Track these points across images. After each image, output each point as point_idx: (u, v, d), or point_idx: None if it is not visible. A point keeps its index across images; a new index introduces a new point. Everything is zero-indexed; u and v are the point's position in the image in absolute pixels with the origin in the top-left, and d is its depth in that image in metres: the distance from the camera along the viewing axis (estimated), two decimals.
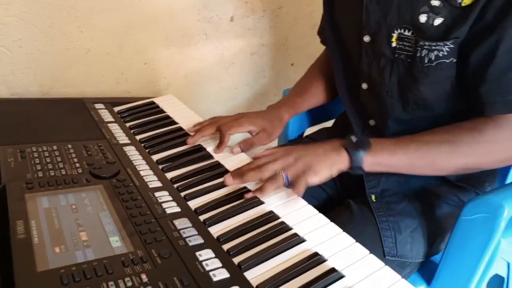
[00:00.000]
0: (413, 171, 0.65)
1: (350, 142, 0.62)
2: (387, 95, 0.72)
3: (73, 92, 0.98)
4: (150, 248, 0.47)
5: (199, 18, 1.09)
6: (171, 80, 1.11)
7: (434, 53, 0.63)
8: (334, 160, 0.62)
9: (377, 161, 0.62)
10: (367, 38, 0.71)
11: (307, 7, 1.28)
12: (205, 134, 0.76)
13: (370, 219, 0.70)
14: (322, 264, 0.47)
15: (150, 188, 0.60)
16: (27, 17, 0.86)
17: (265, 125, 0.79)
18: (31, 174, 0.59)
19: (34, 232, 0.47)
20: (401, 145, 0.63)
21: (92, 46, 0.96)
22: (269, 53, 1.26)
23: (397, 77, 0.70)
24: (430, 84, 0.66)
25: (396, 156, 0.62)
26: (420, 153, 0.62)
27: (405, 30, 0.65)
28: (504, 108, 0.60)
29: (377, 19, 0.69)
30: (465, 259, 0.61)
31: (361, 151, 0.61)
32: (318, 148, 0.63)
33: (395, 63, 0.68)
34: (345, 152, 0.62)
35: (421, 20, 0.63)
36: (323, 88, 0.89)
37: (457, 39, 0.61)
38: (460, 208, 0.73)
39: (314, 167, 0.60)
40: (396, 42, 0.67)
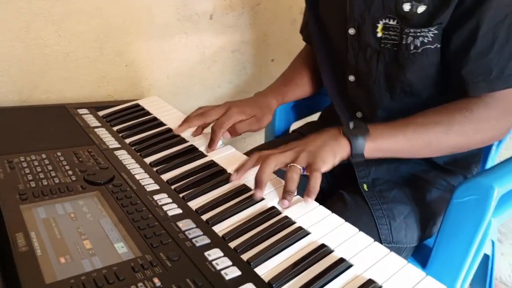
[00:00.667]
0: (411, 154, 0.65)
1: (348, 129, 0.62)
2: (375, 85, 0.73)
3: (53, 98, 0.95)
4: (158, 252, 0.46)
5: (179, 17, 1.08)
6: (153, 81, 1.09)
7: (419, 40, 0.64)
8: (335, 148, 0.61)
9: (377, 146, 0.62)
10: (352, 31, 0.73)
11: (285, 3, 1.29)
12: (191, 124, 0.76)
13: (364, 208, 0.71)
14: (329, 255, 0.48)
15: (148, 191, 0.59)
16: (2, 22, 0.83)
17: (255, 112, 0.78)
18: (23, 184, 0.57)
19: (35, 244, 0.46)
20: (398, 128, 0.63)
21: (71, 50, 0.93)
22: (250, 50, 1.26)
23: (384, 67, 0.71)
24: (416, 71, 0.68)
25: (395, 139, 0.63)
26: (417, 135, 0.62)
27: (390, 19, 0.67)
28: (486, 87, 0.62)
29: (361, 11, 0.70)
30: (459, 241, 0.64)
31: (361, 138, 0.61)
32: (316, 139, 0.63)
33: (381, 52, 0.70)
34: (345, 140, 0.62)
35: (405, 9, 0.64)
36: (308, 80, 0.90)
37: (440, 25, 0.63)
38: (449, 191, 0.76)
39: (320, 155, 0.59)
40: (381, 32, 0.69)
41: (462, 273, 0.65)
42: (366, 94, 0.76)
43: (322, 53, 0.84)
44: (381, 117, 0.77)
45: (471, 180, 0.61)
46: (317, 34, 0.84)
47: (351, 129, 0.62)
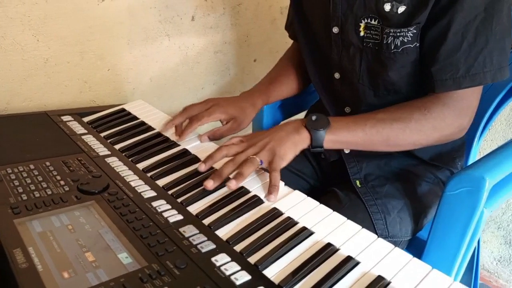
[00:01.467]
0: (369, 147, 0.69)
1: (310, 121, 0.65)
2: (359, 83, 0.75)
3: (33, 106, 0.92)
4: (164, 260, 0.45)
5: (160, 19, 1.06)
6: (136, 84, 1.07)
7: (400, 39, 0.66)
8: (296, 140, 0.65)
9: (336, 138, 0.66)
10: (336, 29, 0.73)
11: (265, 2, 1.29)
12: (175, 122, 0.76)
13: (359, 204, 0.73)
14: (336, 253, 0.49)
15: (145, 198, 0.58)
16: None
17: (237, 113, 0.79)
18: (13, 198, 0.54)
19: (35, 259, 0.44)
20: (358, 123, 0.67)
21: (50, 55, 0.90)
22: (232, 51, 1.26)
23: (367, 65, 0.72)
24: (398, 69, 0.69)
25: (353, 133, 0.66)
26: (375, 131, 0.66)
27: (372, 19, 0.68)
28: (453, 85, 0.64)
29: (344, 10, 0.71)
30: (452, 232, 0.65)
31: (321, 131, 0.64)
32: (280, 131, 0.66)
33: (364, 51, 0.71)
34: (306, 131, 0.65)
35: (386, 9, 0.66)
36: (294, 78, 0.91)
37: (418, 24, 0.64)
38: (437, 184, 0.78)
39: (279, 151, 0.63)
40: (363, 31, 0.70)
41: (457, 263, 0.67)
42: (351, 91, 0.78)
43: (308, 50, 0.85)
44: None
45: (463, 173, 0.63)
46: (302, 32, 0.85)
47: (313, 122, 0.65)
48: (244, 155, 0.63)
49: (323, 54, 0.80)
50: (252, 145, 0.65)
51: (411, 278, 0.44)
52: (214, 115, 0.76)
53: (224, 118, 0.77)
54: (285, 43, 1.41)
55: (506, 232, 1.26)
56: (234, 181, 0.59)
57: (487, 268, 1.33)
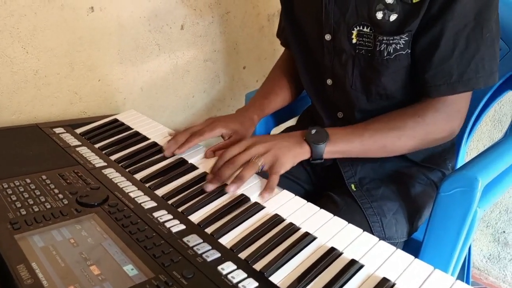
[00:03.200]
0: (367, 155, 0.72)
1: (310, 135, 0.67)
2: (351, 89, 0.76)
3: (23, 119, 0.90)
4: (171, 271, 0.45)
5: (150, 29, 1.06)
6: (127, 94, 1.07)
7: (392, 47, 0.68)
8: (297, 152, 0.67)
9: (335, 149, 0.68)
10: (328, 37, 0.75)
11: (253, 10, 1.30)
12: (178, 140, 0.75)
13: (355, 208, 0.74)
14: (340, 257, 0.49)
15: (146, 209, 0.58)
16: None
17: (237, 128, 0.80)
18: (12, 213, 0.53)
19: (40, 275, 0.43)
20: (356, 133, 0.69)
21: (40, 67, 0.89)
22: (221, 59, 1.26)
23: (359, 71, 0.74)
24: (390, 75, 0.71)
25: (352, 144, 0.69)
26: (373, 140, 0.69)
27: (364, 27, 0.70)
28: (447, 90, 0.67)
29: (336, 18, 0.73)
30: (448, 232, 0.67)
31: (321, 144, 0.67)
32: (283, 140, 0.67)
33: (357, 58, 0.73)
34: (307, 145, 0.67)
35: (378, 17, 0.68)
36: (287, 88, 0.92)
37: (410, 32, 0.67)
38: (430, 185, 0.80)
39: (280, 159, 0.64)
40: (356, 39, 0.71)
41: (453, 263, 0.68)
42: (344, 97, 0.79)
43: (300, 57, 0.86)
44: (359, 118, 0.80)
45: (456, 174, 0.64)
46: (294, 39, 0.86)
47: (312, 135, 0.68)
48: (247, 156, 0.64)
49: (315, 60, 0.82)
50: (254, 146, 0.65)
51: (415, 279, 0.45)
52: (215, 130, 0.76)
53: (226, 132, 0.78)
54: (273, 50, 1.43)
55: (494, 230, 1.29)
56: (234, 185, 0.60)
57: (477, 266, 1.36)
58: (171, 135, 0.78)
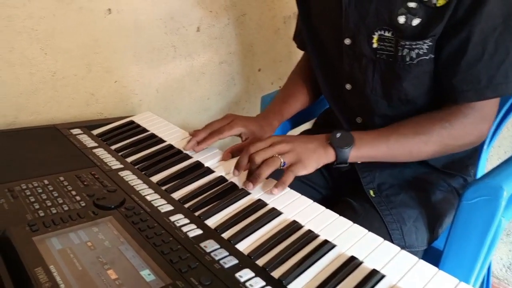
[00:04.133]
0: (392, 160, 0.70)
1: (335, 139, 0.66)
2: (371, 93, 0.75)
3: (41, 119, 0.91)
4: (188, 277, 0.45)
5: (166, 31, 1.06)
6: (142, 96, 1.07)
7: (415, 52, 0.66)
8: (321, 155, 0.65)
9: (360, 154, 0.67)
10: (348, 41, 0.74)
11: (269, 12, 1.29)
12: (198, 138, 0.75)
13: (374, 214, 0.72)
14: (360, 267, 0.48)
15: (162, 213, 0.57)
16: None
17: (256, 129, 0.79)
18: (30, 214, 0.53)
19: (57, 278, 0.43)
20: (381, 138, 0.68)
21: (58, 68, 0.90)
22: (237, 61, 1.26)
23: (380, 76, 0.73)
24: (412, 80, 0.70)
25: (377, 148, 0.67)
26: (399, 145, 0.67)
27: (385, 31, 0.68)
28: (474, 95, 0.65)
29: (356, 22, 0.71)
30: (470, 241, 0.65)
31: (346, 148, 0.65)
32: (308, 142, 0.66)
33: (377, 62, 0.71)
34: (331, 149, 0.66)
35: (400, 21, 0.66)
36: (306, 92, 0.91)
37: (434, 37, 0.65)
38: (451, 192, 0.78)
39: (304, 160, 0.63)
40: (377, 43, 0.70)
41: (474, 273, 0.66)
42: (363, 102, 0.78)
43: (318, 61, 0.85)
44: (378, 123, 0.78)
45: (480, 182, 0.63)
46: (312, 43, 0.85)
47: (337, 139, 0.66)
48: (270, 152, 0.63)
49: (333, 65, 0.80)
50: (279, 144, 0.65)
51: None
52: (235, 129, 0.76)
53: (244, 132, 0.77)
54: (289, 52, 1.42)
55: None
56: (250, 184, 0.62)
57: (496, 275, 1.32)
58: (191, 134, 0.78)
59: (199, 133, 0.76)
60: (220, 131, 0.75)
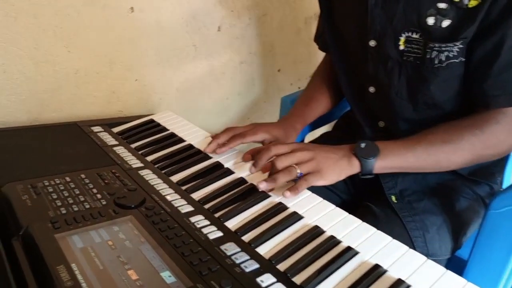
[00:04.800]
0: (419, 170, 0.68)
1: (359, 149, 0.64)
2: (397, 97, 0.73)
3: (63, 116, 0.92)
4: (209, 280, 0.44)
5: (188, 30, 1.06)
6: (163, 95, 1.07)
7: (445, 54, 0.64)
8: (344, 167, 0.64)
9: (387, 164, 0.64)
10: (373, 43, 0.72)
11: (290, 13, 1.28)
12: (220, 141, 0.74)
13: (395, 220, 0.70)
14: (384, 275, 0.47)
15: (183, 213, 0.57)
16: (10, 40, 0.80)
17: (279, 135, 0.78)
18: (53, 211, 0.54)
19: (79, 277, 0.43)
20: (408, 147, 0.65)
21: (81, 66, 0.91)
22: (257, 61, 1.25)
23: (406, 79, 0.71)
24: (439, 84, 0.68)
25: (404, 158, 0.65)
26: (427, 154, 0.65)
27: (413, 33, 0.66)
28: (507, 101, 0.62)
29: (383, 24, 0.69)
30: (497, 252, 0.63)
31: (372, 159, 0.63)
32: (331, 152, 0.65)
33: (403, 65, 0.70)
34: (356, 160, 0.64)
35: (429, 23, 0.64)
36: (328, 95, 0.90)
37: (465, 39, 0.62)
38: (475, 200, 0.76)
39: (324, 171, 0.62)
40: (404, 45, 0.68)
41: (501, 285, 0.64)
42: (387, 106, 0.76)
43: (341, 64, 0.83)
44: (403, 127, 0.76)
45: (509, 191, 0.61)
46: (334, 45, 0.83)
47: (362, 149, 0.64)
48: (290, 159, 0.62)
49: (356, 67, 0.79)
50: (300, 151, 0.63)
51: None
52: (258, 134, 0.75)
53: (268, 138, 0.76)
54: (309, 53, 1.41)
55: None
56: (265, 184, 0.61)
57: None
58: (212, 137, 0.77)
59: (220, 136, 0.75)
60: (243, 135, 0.74)
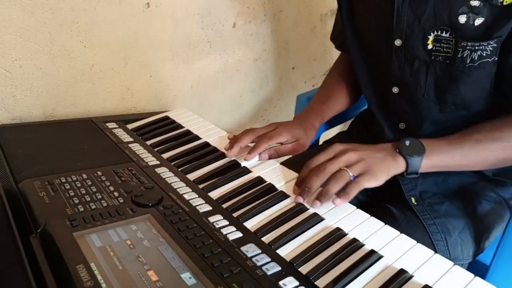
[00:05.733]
0: (464, 168, 0.66)
1: (404, 147, 0.62)
2: (423, 97, 0.71)
3: (77, 112, 0.91)
4: (231, 282, 0.43)
5: (203, 26, 1.05)
6: (177, 92, 1.06)
7: (478, 53, 0.62)
8: (390, 165, 0.61)
9: (433, 163, 0.62)
10: (399, 42, 0.70)
11: (305, 10, 1.26)
12: (243, 144, 0.72)
13: (416, 223, 0.69)
14: (410, 281, 0.45)
15: (201, 213, 0.56)
16: (27, 34, 0.79)
17: (300, 135, 0.77)
18: (70, 209, 0.53)
19: (98, 276, 0.42)
20: (454, 145, 0.63)
21: (96, 62, 0.90)
22: (271, 58, 1.24)
23: (434, 79, 0.69)
24: (470, 84, 0.66)
25: (451, 156, 0.63)
26: (474, 152, 0.63)
27: (443, 31, 0.65)
28: None
29: (410, 22, 0.67)
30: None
31: (418, 157, 0.61)
32: (375, 151, 0.62)
33: (432, 65, 0.68)
34: (401, 158, 0.62)
35: (461, 21, 0.62)
36: (346, 93, 0.88)
37: (500, 38, 0.60)
38: (499, 203, 0.74)
39: (374, 170, 0.59)
40: (432, 44, 0.66)
41: None
42: (412, 107, 0.74)
43: (361, 64, 0.81)
44: (428, 129, 0.74)
45: None
46: (355, 44, 0.81)
47: (407, 147, 0.62)
48: (337, 164, 0.59)
49: (379, 67, 0.77)
50: (345, 154, 0.60)
51: None
52: (283, 135, 0.73)
53: (290, 139, 0.75)
54: (324, 51, 1.39)
55: None
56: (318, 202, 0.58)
57: None
58: (229, 138, 0.75)
59: (241, 138, 0.72)
60: (269, 137, 0.72)
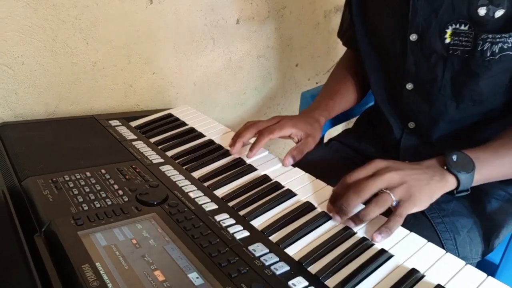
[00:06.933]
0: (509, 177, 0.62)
1: (453, 163, 0.56)
2: (439, 93, 0.69)
3: (80, 109, 0.90)
4: (239, 283, 0.42)
5: (206, 22, 1.04)
6: (180, 89, 1.05)
7: (499, 46, 0.61)
8: (436, 187, 0.56)
9: (485, 177, 0.59)
10: (414, 37, 0.68)
11: (309, 6, 1.25)
12: (245, 139, 0.71)
13: (424, 222, 0.68)
14: (421, 281, 0.44)
15: (207, 211, 0.55)
16: (29, 31, 0.78)
17: (307, 128, 0.75)
18: (75, 208, 0.52)
19: (104, 276, 0.41)
20: (499, 154, 0.60)
21: (98, 59, 0.89)
22: (275, 55, 1.22)
23: (451, 74, 0.67)
24: (490, 78, 0.64)
25: (501, 166, 0.60)
26: None
27: (461, 24, 0.63)
28: None
29: (426, 16, 0.66)
30: None
31: (470, 173, 0.56)
32: (420, 171, 0.56)
33: (449, 59, 0.66)
34: (451, 176, 0.56)
35: (481, 13, 0.61)
36: (353, 89, 0.86)
37: None
38: (508, 202, 0.73)
39: (416, 196, 0.53)
40: (450, 38, 0.65)
41: None
42: (427, 103, 0.72)
43: (372, 60, 0.79)
44: (442, 126, 0.73)
45: None
46: (366, 40, 0.79)
47: (456, 163, 0.57)
48: (379, 184, 0.53)
49: (392, 63, 0.75)
50: (387, 173, 0.54)
51: None
52: (286, 129, 0.71)
53: (295, 132, 0.73)
54: (328, 47, 1.38)
55: None
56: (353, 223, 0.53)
57: None
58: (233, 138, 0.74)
59: (243, 133, 0.71)
60: (270, 131, 0.70)
